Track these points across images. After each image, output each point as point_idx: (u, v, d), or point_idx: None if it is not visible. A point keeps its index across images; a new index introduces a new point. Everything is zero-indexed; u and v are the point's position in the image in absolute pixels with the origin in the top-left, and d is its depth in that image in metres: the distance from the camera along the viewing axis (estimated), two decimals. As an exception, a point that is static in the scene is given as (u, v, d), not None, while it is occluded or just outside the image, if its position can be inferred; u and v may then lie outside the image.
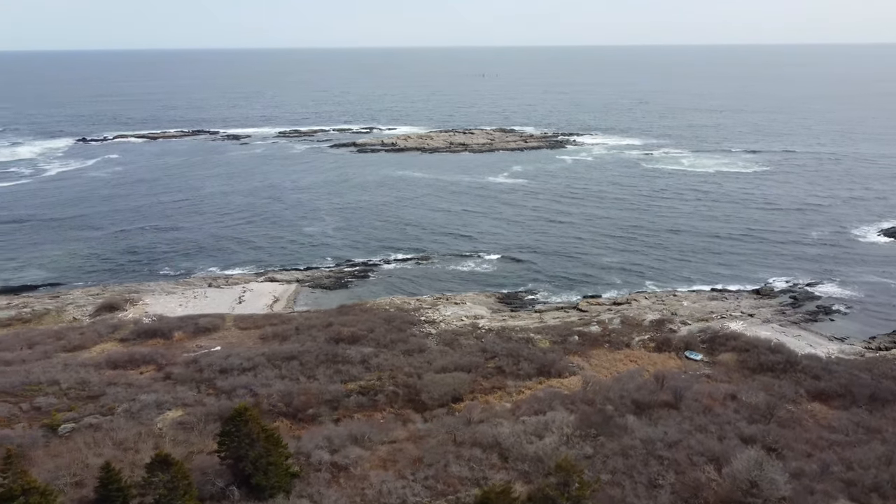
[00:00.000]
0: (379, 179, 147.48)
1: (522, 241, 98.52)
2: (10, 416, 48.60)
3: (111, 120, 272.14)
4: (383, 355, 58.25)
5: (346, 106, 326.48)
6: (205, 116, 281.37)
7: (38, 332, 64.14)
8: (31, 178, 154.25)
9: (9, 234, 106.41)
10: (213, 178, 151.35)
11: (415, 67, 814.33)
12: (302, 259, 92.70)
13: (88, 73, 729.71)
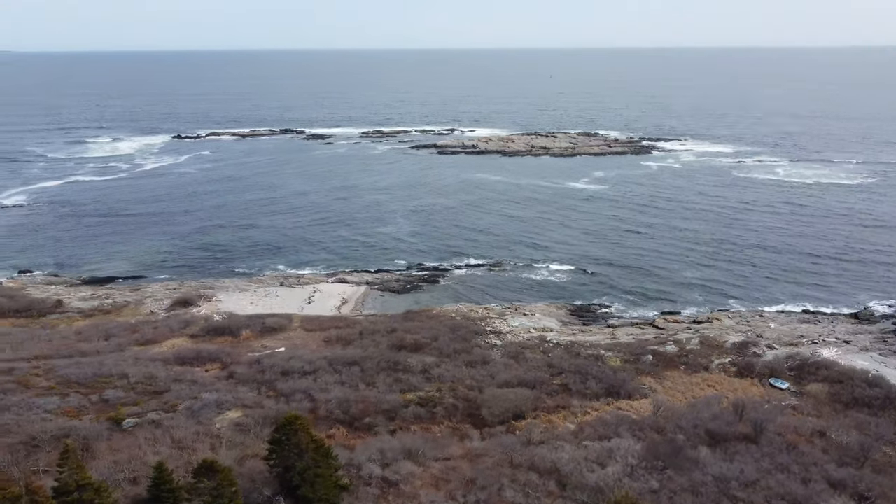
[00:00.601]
0: (456, 182, 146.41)
1: (599, 251, 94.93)
2: (80, 407, 49.97)
3: (206, 118, 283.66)
4: (445, 366, 56.72)
5: (429, 107, 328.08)
6: (293, 116, 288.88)
7: (115, 325, 66.21)
8: (128, 172, 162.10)
9: (101, 226, 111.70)
10: (294, 176, 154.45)
11: (500, 69, 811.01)
12: (373, 261, 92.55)
13: (188, 73, 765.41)
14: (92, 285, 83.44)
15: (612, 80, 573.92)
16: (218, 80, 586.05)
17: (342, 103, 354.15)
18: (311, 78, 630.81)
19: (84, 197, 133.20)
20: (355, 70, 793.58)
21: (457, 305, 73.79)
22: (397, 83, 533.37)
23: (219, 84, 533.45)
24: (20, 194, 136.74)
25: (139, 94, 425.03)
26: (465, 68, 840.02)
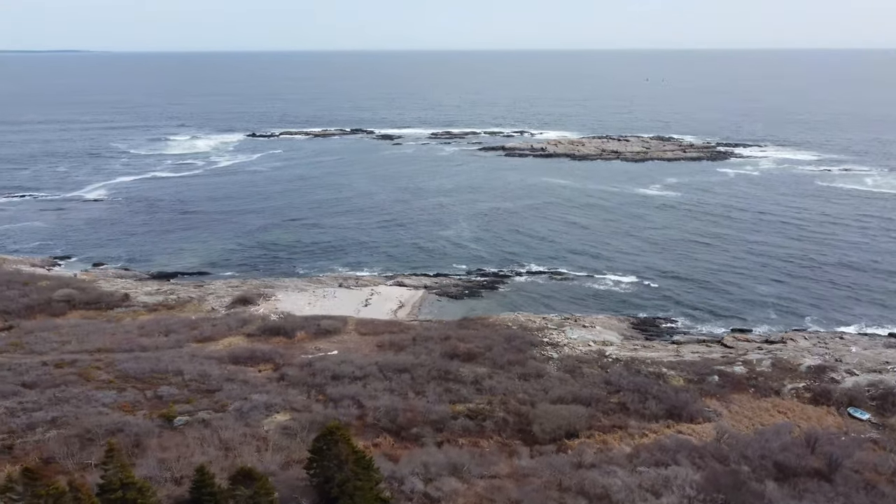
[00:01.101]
0: (522, 186, 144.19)
1: (666, 262, 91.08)
2: (135, 402, 50.84)
3: (280, 117, 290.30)
4: (497, 377, 55.07)
5: (498, 108, 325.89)
6: (364, 116, 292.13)
7: (176, 321, 67.45)
8: (202, 169, 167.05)
9: (173, 222, 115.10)
10: (360, 177, 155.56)
11: (569, 71, 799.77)
12: (433, 265, 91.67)
13: (265, 72, 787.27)
14: (159, 280, 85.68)
15: (679, 81, 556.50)
16: (286, 81, 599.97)
17: (412, 104, 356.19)
18: (373, 78, 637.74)
19: (159, 193, 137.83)
20: (419, 71, 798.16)
21: (514, 314, 71.93)
22: (468, 84, 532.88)
23: (286, 85, 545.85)
24: (101, 189, 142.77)
25: (217, 94, 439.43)
26: (533, 69, 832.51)
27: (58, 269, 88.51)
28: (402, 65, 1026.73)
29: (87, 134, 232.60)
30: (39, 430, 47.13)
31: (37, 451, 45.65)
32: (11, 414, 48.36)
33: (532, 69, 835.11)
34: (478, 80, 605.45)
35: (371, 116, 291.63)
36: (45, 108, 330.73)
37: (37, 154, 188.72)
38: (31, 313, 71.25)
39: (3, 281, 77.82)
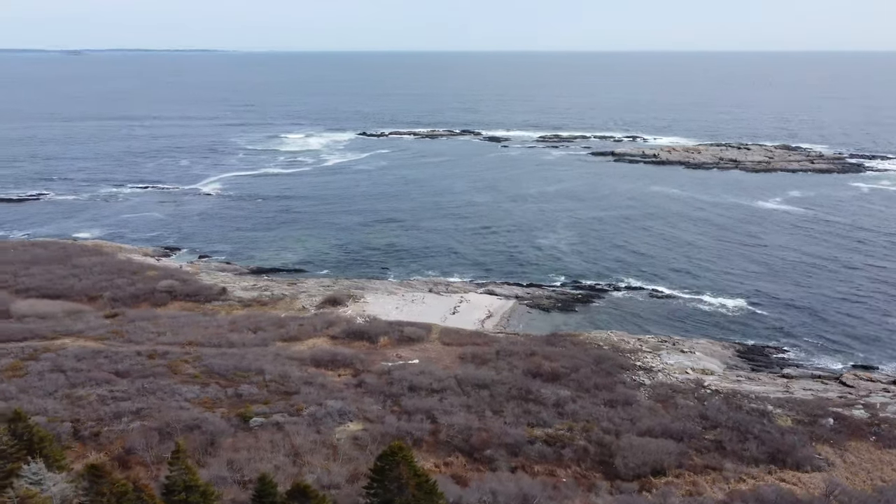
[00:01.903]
0: (630, 193, 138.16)
1: (781, 286, 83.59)
2: (216, 399, 51.57)
3: (391, 117, 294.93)
4: (582, 402, 51.75)
5: (611, 112, 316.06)
6: (473, 118, 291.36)
7: (265, 318, 68.44)
8: (311, 167, 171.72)
9: (277, 217, 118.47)
10: (463, 179, 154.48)
11: (686, 73, 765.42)
12: (527, 274, 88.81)
13: (387, 72, 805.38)
14: (257, 275, 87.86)
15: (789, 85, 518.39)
16: (398, 80, 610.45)
17: (522, 105, 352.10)
18: (480, 79, 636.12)
19: (268, 189, 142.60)
20: (530, 73, 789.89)
21: (606, 333, 67.90)
22: (578, 87, 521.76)
23: (398, 84, 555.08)
24: (216, 182, 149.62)
25: (332, 93, 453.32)
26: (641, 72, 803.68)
27: (166, 260, 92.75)
28: (516, 66, 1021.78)
29: (211, 130, 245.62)
30: (125, 420, 48.68)
31: (120, 441, 47.15)
32: (102, 401, 50.30)
33: (639, 71, 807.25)
34: (587, 82, 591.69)
35: (480, 118, 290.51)
36: (178, 105, 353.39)
37: (163, 148, 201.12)
38: (137, 302, 74.69)
39: (115, 269, 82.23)
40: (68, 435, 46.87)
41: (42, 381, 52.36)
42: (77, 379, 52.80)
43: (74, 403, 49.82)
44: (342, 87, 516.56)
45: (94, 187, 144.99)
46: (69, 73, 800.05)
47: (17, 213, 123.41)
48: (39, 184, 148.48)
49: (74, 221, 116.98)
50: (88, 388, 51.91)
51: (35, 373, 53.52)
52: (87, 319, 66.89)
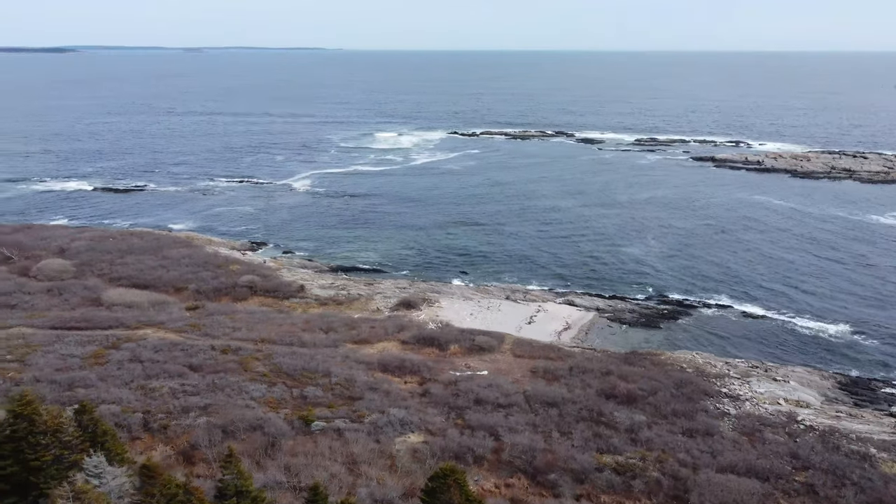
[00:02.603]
0: (729, 203, 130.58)
1: (892, 312, 75.97)
2: (280, 399, 51.56)
3: (483, 116, 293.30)
4: (658, 429, 48.31)
5: (713, 115, 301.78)
6: (568, 119, 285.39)
7: (338, 319, 68.34)
8: (400, 166, 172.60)
9: (362, 215, 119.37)
10: (552, 182, 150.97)
11: (801, 74, 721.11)
12: (610, 285, 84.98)
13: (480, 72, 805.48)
14: (336, 273, 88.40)
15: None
16: (501, 79, 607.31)
17: (622, 106, 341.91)
18: (579, 79, 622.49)
19: (356, 187, 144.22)
20: (633, 73, 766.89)
21: (692, 353, 63.54)
22: (681, 87, 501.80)
23: (500, 83, 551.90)
24: (307, 179, 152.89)
25: (429, 91, 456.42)
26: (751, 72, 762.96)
27: (251, 255, 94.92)
28: (620, 66, 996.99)
29: (308, 127, 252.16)
30: (192, 415, 49.43)
31: (186, 436, 47.84)
32: (173, 395, 51.33)
33: (748, 72, 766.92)
34: (692, 82, 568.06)
35: (574, 119, 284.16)
36: (280, 102, 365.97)
37: (261, 143, 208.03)
38: (218, 295, 76.50)
39: (202, 262, 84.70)
40: (139, 426, 48.04)
41: (120, 370, 54.01)
42: (153, 370, 54.13)
43: (147, 395, 51.03)
44: (441, 86, 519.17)
45: (194, 180, 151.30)
46: (187, 69, 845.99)
47: (123, 203, 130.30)
48: (145, 175, 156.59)
49: (171, 212, 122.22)
50: (162, 380, 53.09)
51: (115, 361, 55.30)
52: (170, 311, 68.93)
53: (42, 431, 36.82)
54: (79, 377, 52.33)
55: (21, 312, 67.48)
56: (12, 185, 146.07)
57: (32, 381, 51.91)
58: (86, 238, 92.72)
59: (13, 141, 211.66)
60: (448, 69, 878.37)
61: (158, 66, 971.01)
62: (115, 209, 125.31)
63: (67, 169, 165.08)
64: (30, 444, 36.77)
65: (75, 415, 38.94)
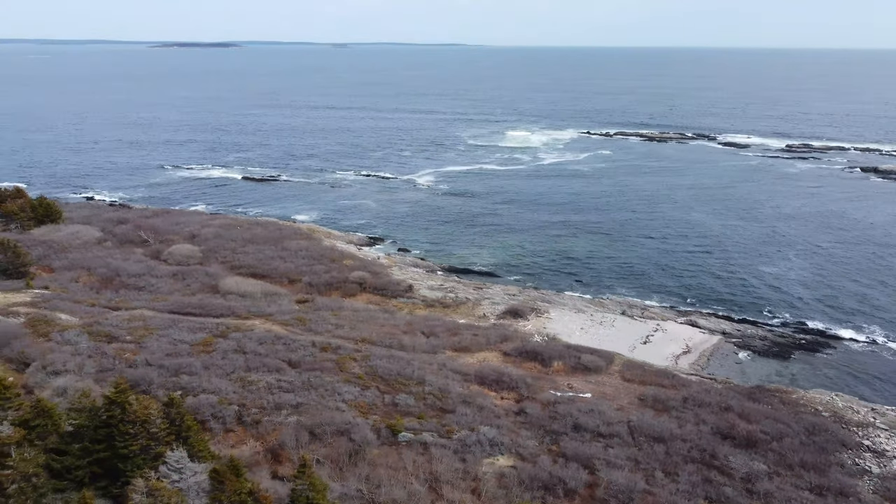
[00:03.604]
0: (892, 221, 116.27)
1: None
2: (371, 404, 50.40)
3: (619, 116, 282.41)
4: (779, 481, 42.43)
5: (880, 120, 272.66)
6: (709, 122, 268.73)
7: (442, 323, 66.59)
8: (526, 165, 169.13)
9: (482, 215, 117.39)
10: (684, 189, 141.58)
11: None
12: (740, 306, 77.48)
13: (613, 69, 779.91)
14: (447, 274, 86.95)
15: None
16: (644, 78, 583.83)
17: (770, 109, 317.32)
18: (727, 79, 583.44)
19: (479, 185, 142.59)
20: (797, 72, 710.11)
21: (830, 395, 55.91)
22: (842, 88, 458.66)
23: (642, 81, 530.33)
24: (431, 175, 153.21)
25: (564, 89, 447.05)
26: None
27: (366, 250, 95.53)
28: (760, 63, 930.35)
29: (437, 123, 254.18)
30: (283, 413, 49.39)
31: (275, 433, 47.81)
32: (269, 390, 51.60)
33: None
34: (863, 83, 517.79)
35: (717, 122, 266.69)
36: (414, 98, 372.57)
37: (391, 139, 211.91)
38: (329, 290, 77.21)
39: (318, 255, 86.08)
40: (233, 418, 48.63)
41: (224, 360, 55.08)
42: (253, 363, 54.81)
43: (245, 387, 51.56)
44: (578, 84, 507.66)
45: (323, 173, 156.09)
46: (332, 64, 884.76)
47: (256, 193, 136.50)
48: (280, 166, 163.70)
49: (298, 204, 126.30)
50: (261, 373, 53.58)
51: (220, 351, 56.55)
52: (280, 303, 70.16)
53: (132, 420, 37.56)
54: (185, 364, 53.91)
55: (147, 295, 71.25)
56: (161, 171, 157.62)
57: (144, 363, 54.16)
58: (215, 225, 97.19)
59: (166, 129, 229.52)
60: (588, 67, 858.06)
61: (307, 60, 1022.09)
62: (248, 198, 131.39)
63: (211, 157, 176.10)
64: (120, 431, 37.67)
65: (164, 407, 39.53)
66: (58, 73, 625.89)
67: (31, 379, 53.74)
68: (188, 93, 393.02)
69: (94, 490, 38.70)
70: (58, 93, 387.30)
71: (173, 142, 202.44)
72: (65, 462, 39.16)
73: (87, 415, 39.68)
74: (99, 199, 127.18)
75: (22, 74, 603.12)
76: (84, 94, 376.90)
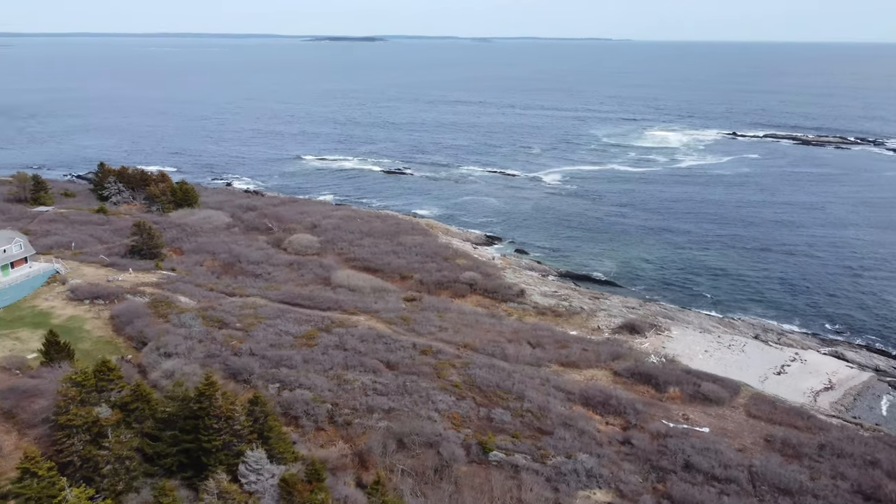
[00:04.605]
0: None
1: None
2: (465, 417, 47.91)
3: (770, 117, 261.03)
4: (936, 561, 35.42)
5: None
6: (874, 126, 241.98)
7: (550, 333, 62.93)
8: (662, 167, 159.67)
9: (606, 219, 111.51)
10: (842, 200, 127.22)
11: None
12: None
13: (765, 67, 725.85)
14: (563, 280, 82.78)
15: None
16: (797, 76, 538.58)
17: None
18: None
19: (608, 186, 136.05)
20: None
21: None
22: None
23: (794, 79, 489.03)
24: (557, 174, 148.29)
25: (712, 87, 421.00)
26: None
27: (482, 249, 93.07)
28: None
29: (569, 121, 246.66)
30: (375, 416, 47.90)
31: (365, 437, 46.44)
32: (364, 390, 50.41)
33: None
34: None
35: (883, 126, 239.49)
36: (546, 94, 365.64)
37: (521, 135, 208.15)
38: (438, 289, 75.55)
39: (432, 252, 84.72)
40: (325, 417, 47.86)
41: (324, 355, 54.78)
42: (352, 361, 54.07)
43: (341, 386, 50.83)
44: (729, 82, 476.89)
45: (450, 168, 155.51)
46: (473, 58, 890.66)
47: (382, 185, 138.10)
48: (408, 160, 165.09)
49: (421, 198, 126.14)
50: (358, 372, 52.72)
51: (322, 346, 56.36)
52: (388, 299, 69.34)
53: (216, 415, 37.34)
54: (286, 356, 54.09)
55: (262, 283, 72.95)
56: (297, 161, 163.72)
57: (248, 352, 54.90)
58: (337, 216, 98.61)
59: (305, 121, 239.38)
60: (739, 63, 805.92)
61: (447, 55, 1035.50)
62: (373, 189, 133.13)
63: (344, 148, 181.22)
64: (205, 425, 37.59)
65: (249, 404, 39.12)
66: (227, 64, 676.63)
67: (145, 359, 56.11)
68: (330, 85, 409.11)
69: (181, 479, 39.08)
70: (220, 83, 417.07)
71: (309, 133, 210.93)
72: (157, 448, 39.73)
73: (179, 404, 40.08)
74: (237, 186, 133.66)
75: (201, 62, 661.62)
76: (238, 85, 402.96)
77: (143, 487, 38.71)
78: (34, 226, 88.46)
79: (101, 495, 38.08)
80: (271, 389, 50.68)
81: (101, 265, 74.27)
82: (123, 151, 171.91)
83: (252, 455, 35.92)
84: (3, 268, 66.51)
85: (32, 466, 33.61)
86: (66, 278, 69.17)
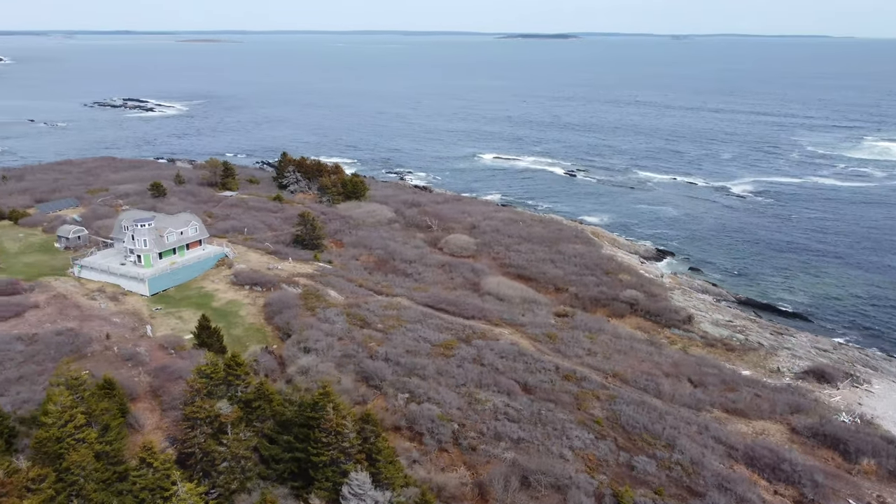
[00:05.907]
0: None
1: None
2: (602, 461, 42.36)
3: None
4: None
5: None
6: None
7: (718, 371, 55.00)
8: (878, 183, 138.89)
9: (801, 239, 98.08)
10: None
11: None
12: None
13: None
14: (742, 307, 73.11)
15: None
16: None
17: None
18: None
19: (807, 202, 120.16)
20: None
21: None
22: None
23: None
24: (749, 185, 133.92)
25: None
26: None
27: (650, 265, 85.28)
28: None
29: (768, 126, 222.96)
30: (502, 445, 43.88)
31: (487, 466, 42.63)
32: (494, 414, 46.51)
33: None
34: None
35: None
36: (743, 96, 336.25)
37: (711, 140, 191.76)
38: (594, 306, 69.75)
39: (592, 264, 78.67)
40: (449, 438, 44.65)
41: (459, 368, 51.80)
42: (487, 378, 50.50)
43: (471, 405, 47.47)
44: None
45: (627, 173, 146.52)
46: (667, 57, 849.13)
47: (552, 187, 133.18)
48: (585, 160, 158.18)
49: (591, 203, 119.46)
50: (491, 392, 49.03)
51: (458, 357, 53.42)
52: (536, 313, 65.00)
53: (326, 429, 35.48)
54: (420, 365, 51.74)
55: (411, 283, 71.60)
56: (471, 158, 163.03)
57: (383, 357, 53.25)
58: (498, 218, 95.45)
59: (479, 120, 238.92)
60: None
61: (641, 52, 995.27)
62: (542, 192, 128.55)
63: (518, 147, 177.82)
64: (315, 437, 35.89)
65: (360, 421, 36.81)
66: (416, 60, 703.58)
67: (286, 351, 56.56)
68: (508, 83, 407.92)
69: (290, 488, 37.82)
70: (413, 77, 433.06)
71: (483, 131, 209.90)
72: (272, 451, 38.80)
73: (296, 410, 38.89)
74: (408, 180, 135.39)
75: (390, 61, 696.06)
76: (428, 80, 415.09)
77: (255, 490, 38.01)
78: (217, 209, 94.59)
79: (215, 491, 37.95)
80: (400, 399, 48.49)
81: (266, 252, 77.11)
82: (304, 143, 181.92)
83: (356, 478, 33.55)
84: (179, 249, 70.95)
85: (149, 457, 33.81)
86: (232, 262, 72.47)
